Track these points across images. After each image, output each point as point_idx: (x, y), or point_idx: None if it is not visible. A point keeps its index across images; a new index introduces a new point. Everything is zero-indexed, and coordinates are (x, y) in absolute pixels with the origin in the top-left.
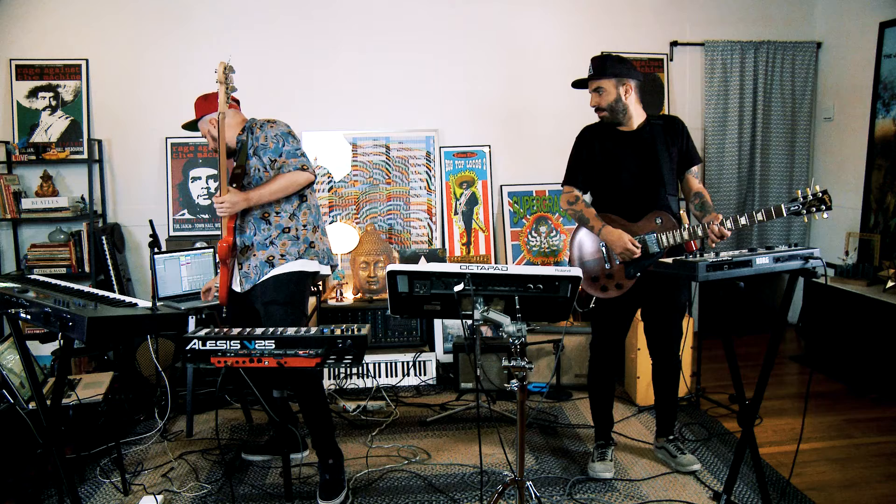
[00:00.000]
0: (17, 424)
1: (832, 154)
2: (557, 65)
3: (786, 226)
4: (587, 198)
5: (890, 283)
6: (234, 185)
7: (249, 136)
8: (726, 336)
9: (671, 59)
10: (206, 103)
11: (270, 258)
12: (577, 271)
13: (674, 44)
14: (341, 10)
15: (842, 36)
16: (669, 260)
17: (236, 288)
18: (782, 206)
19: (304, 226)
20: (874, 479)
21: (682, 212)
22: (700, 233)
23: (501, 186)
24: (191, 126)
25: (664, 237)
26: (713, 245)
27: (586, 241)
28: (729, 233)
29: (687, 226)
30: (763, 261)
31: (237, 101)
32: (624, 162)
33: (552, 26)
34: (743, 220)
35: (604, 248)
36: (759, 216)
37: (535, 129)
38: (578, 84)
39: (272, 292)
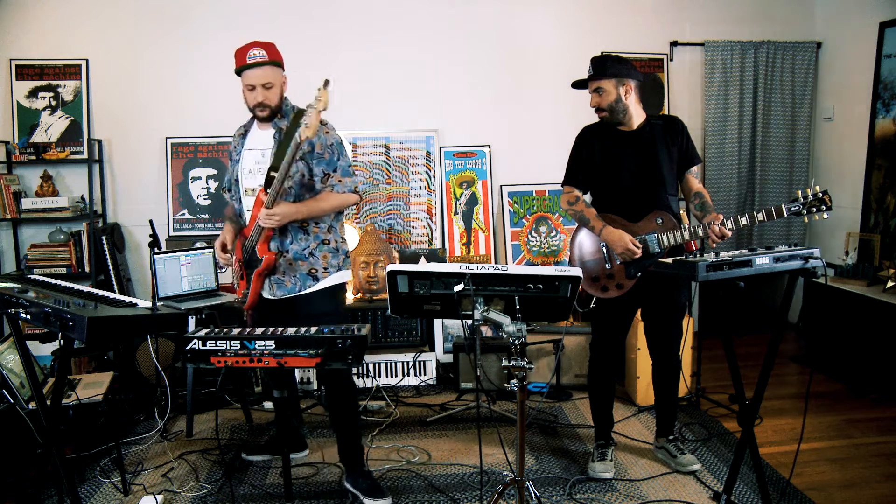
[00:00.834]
0: (17, 424)
1: (832, 154)
2: (557, 64)
3: (786, 226)
4: (587, 198)
5: (890, 283)
6: (268, 189)
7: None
8: (726, 336)
9: (671, 59)
10: (277, 52)
11: (313, 271)
12: (577, 271)
13: (674, 44)
14: (341, 10)
15: (842, 36)
16: (669, 260)
17: (266, 294)
18: (783, 206)
19: (343, 238)
20: (874, 479)
21: (682, 212)
22: (701, 233)
23: (501, 186)
24: (248, 69)
25: (665, 237)
26: (713, 245)
27: (586, 242)
28: (730, 233)
29: (687, 226)
30: (763, 261)
31: None
32: (624, 162)
33: (552, 26)
34: (744, 221)
35: (604, 248)
36: (760, 216)
37: (535, 129)
38: (578, 84)
39: (321, 305)
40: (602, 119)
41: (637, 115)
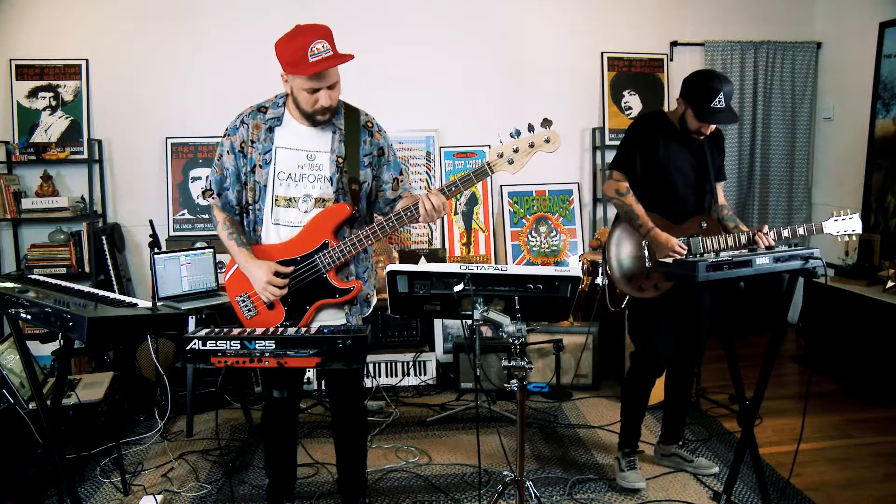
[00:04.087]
0: (17, 424)
1: (832, 154)
2: (557, 64)
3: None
4: None
5: (890, 284)
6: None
7: (367, 137)
8: (726, 336)
9: (671, 59)
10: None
11: (368, 297)
12: (576, 271)
13: (674, 44)
14: (341, 10)
15: (842, 36)
16: (669, 260)
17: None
18: (822, 223)
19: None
20: (874, 479)
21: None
22: (744, 240)
23: (501, 186)
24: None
25: (709, 241)
26: None
27: (626, 239)
28: (773, 243)
29: (732, 232)
30: (763, 261)
31: None
32: (682, 163)
33: (552, 26)
34: (786, 233)
35: (646, 247)
36: (801, 231)
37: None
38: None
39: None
40: (695, 140)
41: None
